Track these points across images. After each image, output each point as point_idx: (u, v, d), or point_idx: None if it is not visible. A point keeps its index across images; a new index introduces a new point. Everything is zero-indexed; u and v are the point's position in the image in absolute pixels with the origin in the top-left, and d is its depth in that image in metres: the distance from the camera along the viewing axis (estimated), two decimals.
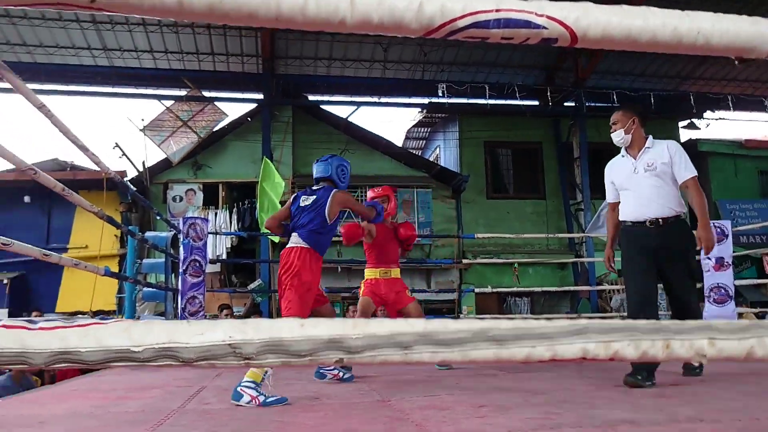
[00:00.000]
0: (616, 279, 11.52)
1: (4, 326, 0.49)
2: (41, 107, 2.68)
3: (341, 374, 3.67)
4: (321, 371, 3.69)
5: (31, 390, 3.55)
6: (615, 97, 11.62)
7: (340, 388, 3.36)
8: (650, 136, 3.37)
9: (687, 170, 3.19)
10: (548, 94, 11.66)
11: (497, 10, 0.65)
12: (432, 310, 10.23)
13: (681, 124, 13.22)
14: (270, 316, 9.60)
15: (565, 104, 12.21)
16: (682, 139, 12.86)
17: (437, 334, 0.58)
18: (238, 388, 2.84)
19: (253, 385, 2.83)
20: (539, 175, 12.66)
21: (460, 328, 0.59)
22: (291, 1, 0.60)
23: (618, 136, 3.43)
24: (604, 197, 9.81)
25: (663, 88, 12.35)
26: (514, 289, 9.05)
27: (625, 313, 8.85)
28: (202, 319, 6.41)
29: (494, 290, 8.00)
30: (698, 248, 3.15)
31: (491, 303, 10.88)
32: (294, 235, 3.42)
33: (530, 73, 12.25)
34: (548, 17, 0.67)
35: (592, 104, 12.09)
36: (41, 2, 0.56)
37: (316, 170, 3.60)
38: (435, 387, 3.34)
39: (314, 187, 3.57)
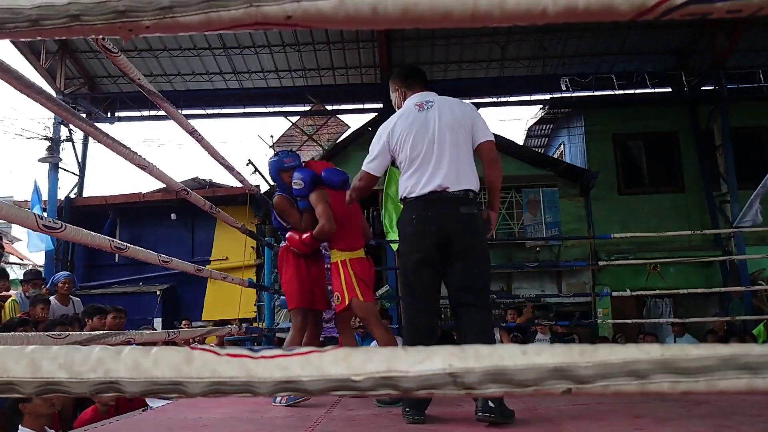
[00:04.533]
0: None
1: (229, 355, 0.49)
2: (192, 132, 2.87)
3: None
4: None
5: None
6: (762, 76, 10.54)
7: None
8: None
9: None
10: (683, 78, 10.79)
11: None
12: (563, 314, 9.80)
13: None
14: (398, 321, 9.69)
15: (703, 89, 11.25)
16: None
17: (678, 361, 0.50)
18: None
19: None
20: (676, 166, 11.74)
21: (703, 355, 0.51)
22: None
23: None
24: (752, 187, 8.94)
25: None
26: (655, 291, 8.42)
27: None
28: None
29: (634, 293, 7.49)
30: None
31: (629, 306, 10.22)
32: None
33: (661, 59, 11.42)
34: None
35: (734, 86, 11.05)
36: (240, 25, 0.56)
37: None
38: (584, 393, 3.16)
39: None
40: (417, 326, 2.69)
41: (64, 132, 11.31)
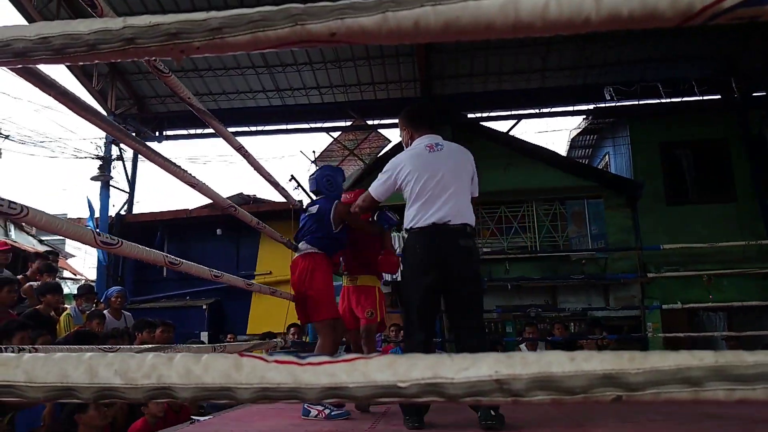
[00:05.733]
0: None
1: (277, 362, 0.50)
2: (240, 149, 2.94)
3: (327, 411, 3.24)
4: (306, 407, 3.27)
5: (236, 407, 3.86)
6: None
7: (528, 408, 3.19)
8: None
9: None
10: (733, 84, 10.46)
11: None
12: (612, 328, 9.54)
13: None
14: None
15: (754, 94, 10.88)
16: None
17: (734, 368, 0.49)
18: (306, 405, 3.04)
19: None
20: (727, 175, 11.33)
21: (760, 361, 0.49)
22: (530, 6, 0.56)
23: None
24: None
25: None
26: (708, 304, 8.12)
27: None
28: (379, 339, 6.54)
29: (685, 306, 7.25)
30: None
31: (680, 319, 9.88)
32: (302, 242, 3.61)
33: (709, 64, 11.09)
34: None
35: None
36: (286, 43, 0.58)
37: (309, 185, 3.93)
38: (630, 410, 3.06)
39: (317, 198, 3.84)
40: (416, 342, 2.98)
41: (114, 151, 11.72)
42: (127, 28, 0.58)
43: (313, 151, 11.70)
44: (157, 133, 12.39)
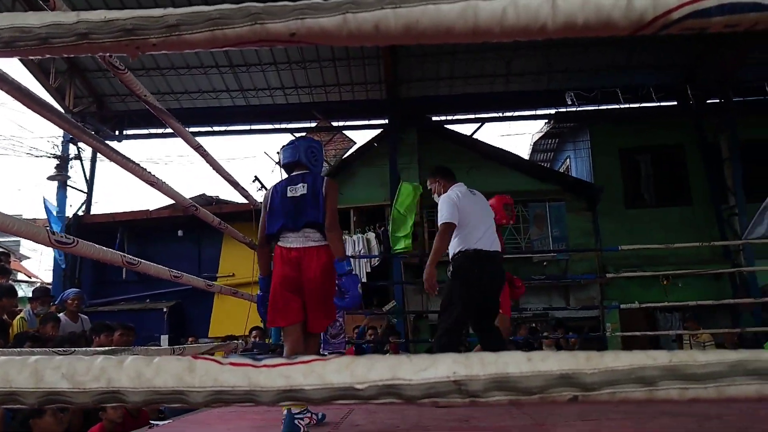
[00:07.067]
0: None
1: (232, 364, 0.49)
2: (198, 148, 2.89)
3: (317, 417, 2.95)
4: (296, 422, 2.75)
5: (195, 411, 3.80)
6: None
7: (488, 410, 3.23)
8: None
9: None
10: (689, 92, 10.79)
11: None
12: (573, 328, 9.72)
13: None
14: (406, 336, 9.64)
15: (709, 102, 11.25)
16: None
17: (687, 367, 0.50)
18: (296, 421, 2.62)
19: (305, 412, 2.71)
20: (683, 180, 11.70)
21: (712, 360, 0.51)
22: (489, 12, 0.57)
23: None
24: (760, 199, 8.92)
25: None
26: (665, 303, 8.36)
27: None
28: (342, 341, 6.54)
29: (642, 305, 7.43)
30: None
31: (638, 319, 10.13)
32: (311, 230, 2.85)
33: (667, 73, 11.42)
34: None
35: (741, 99, 11.04)
36: (246, 42, 0.57)
37: (283, 155, 3.07)
38: (592, 409, 3.12)
39: (294, 173, 3.01)
40: (456, 333, 3.75)
41: (72, 150, 11.42)
42: (81, 22, 0.57)
43: (278, 152, 11.58)
44: (116, 132, 12.12)
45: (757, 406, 3.02)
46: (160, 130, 11.95)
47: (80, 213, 11.72)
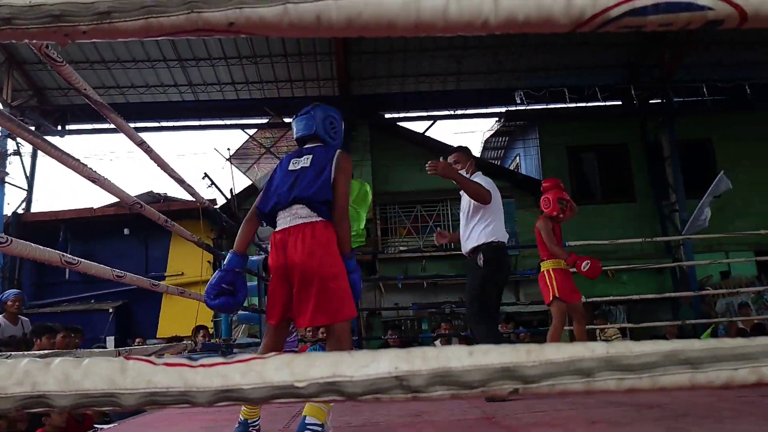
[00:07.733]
0: (720, 282, 10.82)
1: (166, 364, 0.48)
2: (141, 144, 2.81)
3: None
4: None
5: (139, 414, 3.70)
6: (706, 90, 10.99)
7: (439, 405, 3.27)
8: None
9: None
10: (632, 92, 11.16)
11: None
12: (523, 323, 9.92)
13: None
14: (359, 334, 9.64)
15: (651, 102, 11.65)
16: None
17: (623, 358, 0.51)
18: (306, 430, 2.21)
19: (319, 429, 2.22)
20: (627, 177, 12.10)
21: (647, 351, 0.52)
22: (431, 6, 0.56)
23: None
24: (699, 196, 9.28)
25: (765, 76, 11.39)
26: (610, 297, 8.62)
27: (733, 318, 8.29)
28: (294, 339, 6.49)
29: (589, 300, 7.64)
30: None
31: (586, 313, 10.41)
32: (301, 206, 2.39)
33: (611, 73, 11.77)
34: None
35: (681, 99, 11.48)
36: (182, 31, 0.55)
37: (296, 127, 2.68)
38: (539, 401, 3.20)
39: (306, 146, 2.64)
40: (493, 319, 4.01)
41: (11, 145, 10.94)
42: (3, 6, 0.54)
43: (228, 149, 11.38)
44: (59, 127, 11.66)
45: (695, 393, 3.16)
46: (104, 126, 11.55)
47: (20, 211, 11.24)
